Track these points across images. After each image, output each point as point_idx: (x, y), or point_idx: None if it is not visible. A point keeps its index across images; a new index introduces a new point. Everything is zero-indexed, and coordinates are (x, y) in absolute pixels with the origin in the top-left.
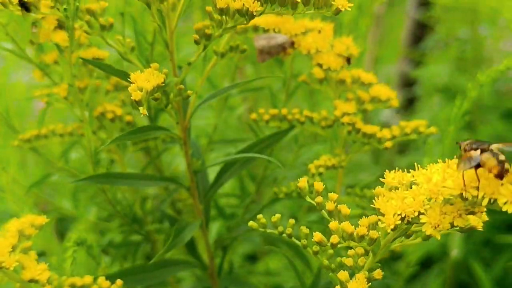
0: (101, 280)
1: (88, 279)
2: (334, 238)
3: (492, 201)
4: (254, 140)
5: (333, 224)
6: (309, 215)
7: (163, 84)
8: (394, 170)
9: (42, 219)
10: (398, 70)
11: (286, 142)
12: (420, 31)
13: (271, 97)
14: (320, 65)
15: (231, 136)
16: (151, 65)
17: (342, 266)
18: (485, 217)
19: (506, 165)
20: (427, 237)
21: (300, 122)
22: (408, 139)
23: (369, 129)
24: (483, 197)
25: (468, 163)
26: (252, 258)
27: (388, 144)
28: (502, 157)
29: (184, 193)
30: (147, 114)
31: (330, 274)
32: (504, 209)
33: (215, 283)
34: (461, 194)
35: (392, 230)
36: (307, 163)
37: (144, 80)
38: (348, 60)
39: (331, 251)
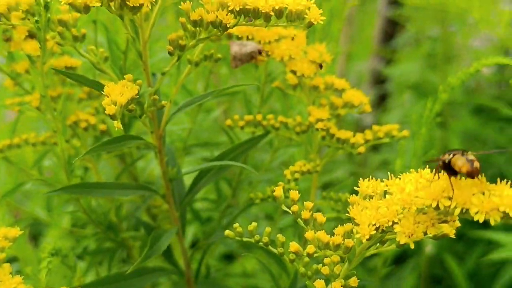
0: None
1: None
2: (310, 248)
3: (464, 210)
4: (229, 147)
5: (309, 234)
6: (285, 217)
7: (137, 96)
8: (367, 168)
9: (16, 232)
10: (370, 68)
11: (261, 144)
12: (391, 29)
13: (245, 103)
14: (293, 72)
15: (206, 138)
16: (125, 76)
17: (318, 273)
18: (457, 224)
19: (476, 164)
20: (401, 245)
21: (275, 127)
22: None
23: (342, 134)
24: (455, 207)
25: (437, 162)
26: (228, 257)
27: (362, 149)
28: (471, 157)
29: (159, 199)
30: (121, 127)
31: (306, 282)
32: (475, 219)
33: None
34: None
35: (367, 240)
36: (282, 166)
37: (118, 93)
38: (320, 66)
39: (307, 259)
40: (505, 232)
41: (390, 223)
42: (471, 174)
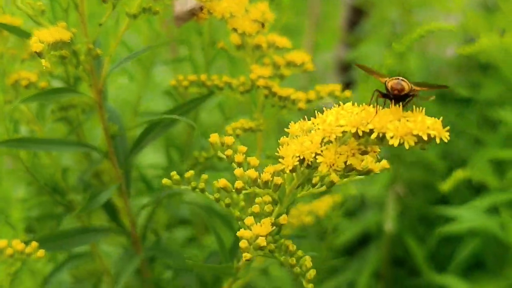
0: (16, 242)
1: (2, 243)
2: (238, 183)
3: (381, 135)
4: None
5: (238, 171)
6: None
7: (69, 41)
8: None
9: None
10: (336, 56)
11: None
12: (356, 17)
13: (192, 66)
14: (235, 30)
15: (161, 108)
16: (58, 23)
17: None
18: (385, 165)
19: (404, 84)
20: (331, 184)
21: (219, 87)
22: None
23: (284, 92)
24: (372, 131)
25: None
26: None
27: (302, 105)
28: (405, 80)
29: (108, 163)
30: (49, 67)
31: (239, 223)
32: (390, 143)
33: (138, 249)
34: (355, 132)
35: (291, 171)
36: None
37: (48, 35)
38: (262, 25)
39: (242, 203)
40: (462, 208)
41: (313, 155)
42: (393, 88)
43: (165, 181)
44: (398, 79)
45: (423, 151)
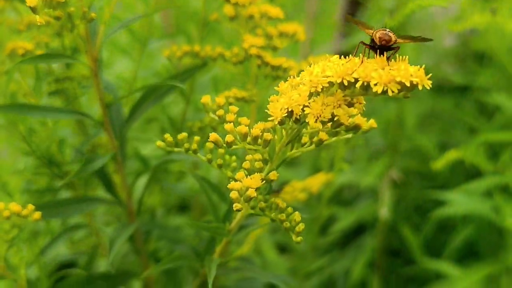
0: (13, 205)
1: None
2: (229, 137)
3: (365, 84)
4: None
5: (228, 126)
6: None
7: (63, 1)
8: None
9: None
10: (334, 48)
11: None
12: (354, 9)
13: (187, 41)
14: (227, 0)
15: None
16: None
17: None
18: (373, 123)
19: (391, 35)
20: (319, 142)
21: (212, 58)
22: None
23: (276, 61)
24: (357, 80)
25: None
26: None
27: (293, 72)
28: (391, 32)
29: (104, 138)
30: (43, 23)
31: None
32: (374, 90)
33: (132, 220)
34: (340, 82)
35: (279, 124)
36: None
37: None
38: None
39: (234, 164)
40: (456, 192)
41: (301, 107)
42: (381, 39)
43: (159, 143)
44: (385, 30)
45: (420, 141)
